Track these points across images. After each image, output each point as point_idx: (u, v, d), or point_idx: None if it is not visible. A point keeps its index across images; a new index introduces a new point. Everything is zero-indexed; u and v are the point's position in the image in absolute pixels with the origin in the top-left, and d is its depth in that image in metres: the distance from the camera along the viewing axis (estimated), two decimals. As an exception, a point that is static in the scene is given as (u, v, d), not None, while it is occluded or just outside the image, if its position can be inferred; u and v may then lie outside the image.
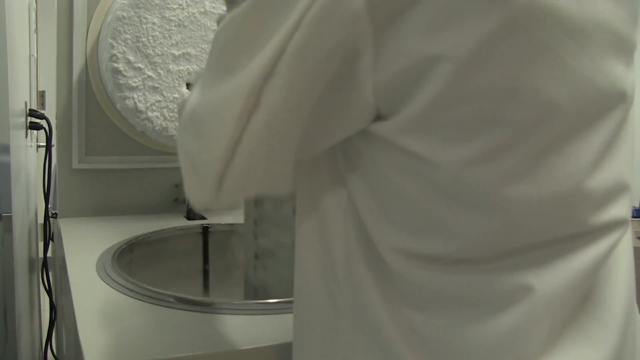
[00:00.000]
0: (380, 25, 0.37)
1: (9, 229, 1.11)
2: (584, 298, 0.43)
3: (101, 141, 1.21)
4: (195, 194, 0.53)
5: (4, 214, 1.10)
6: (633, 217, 3.31)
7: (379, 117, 0.42)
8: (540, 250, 0.41)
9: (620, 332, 0.43)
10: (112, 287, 0.80)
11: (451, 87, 0.37)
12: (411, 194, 0.42)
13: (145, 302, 0.74)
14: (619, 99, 0.43)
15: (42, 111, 2.56)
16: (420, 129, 0.40)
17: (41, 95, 2.59)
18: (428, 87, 0.37)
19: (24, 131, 1.63)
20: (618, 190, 0.44)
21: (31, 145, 2.01)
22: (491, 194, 0.39)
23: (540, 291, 0.40)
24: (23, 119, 1.61)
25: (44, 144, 1.71)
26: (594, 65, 0.40)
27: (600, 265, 0.43)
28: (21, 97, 1.53)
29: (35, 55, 2.17)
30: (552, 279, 0.40)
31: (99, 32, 1.18)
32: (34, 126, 1.69)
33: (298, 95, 0.42)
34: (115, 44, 1.09)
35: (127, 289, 0.79)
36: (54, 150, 1.40)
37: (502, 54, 0.36)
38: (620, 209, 0.44)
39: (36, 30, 2.19)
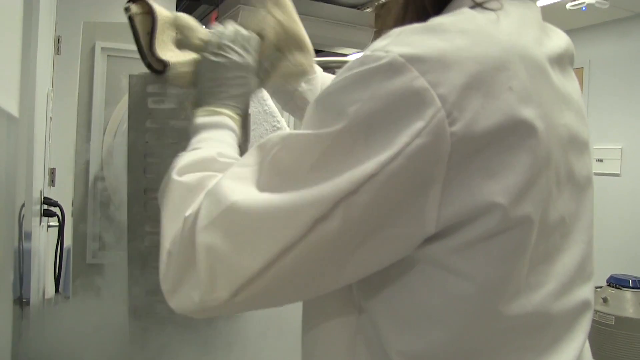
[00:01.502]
0: (452, 165, 0.48)
1: (27, 314, 1.20)
2: None
3: (116, 240, 1.32)
4: (188, 294, 0.54)
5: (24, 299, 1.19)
6: (636, 287, 3.36)
7: (425, 241, 0.51)
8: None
9: None
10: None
11: (500, 223, 0.49)
12: (434, 307, 0.52)
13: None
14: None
15: (52, 187, 2.68)
16: (468, 251, 0.50)
17: (51, 172, 2.71)
18: (481, 223, 0.49)
19: (39, 218, 1.74)
20: None
21: (42, 226, 2.11)
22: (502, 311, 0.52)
23: None
24: (38, 207, 1.72)
25: (54, 224, 1.82)
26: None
27: None
28: (38, 186, 1.64)
29: (50, 141, 2.30)
30: None
31: (114, 137, 1.30)
32: (47, 213, 1.80)
33: (375, 214, 0.48)
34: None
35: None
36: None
37: (537, 189, 0.51)
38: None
39: (51, 118, 2.33)
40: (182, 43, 0.83)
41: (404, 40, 0.50)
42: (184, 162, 0.66)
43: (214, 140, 0.73)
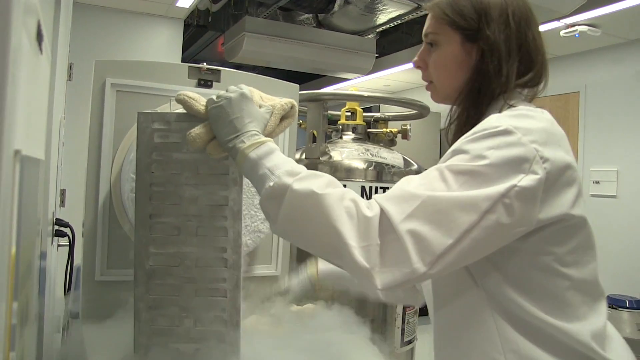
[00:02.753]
0: (544, 189, 0.84)
1: (41, 330, 1.29)
2: None
3: (122, 258, 1.41)
4: (397, 269, 0.79)
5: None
6: (633, 308, 3.40)
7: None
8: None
9: None
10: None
11: (570, 228, 0.89)
12: (533, 276, 0.89)
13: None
14: None
15: (62, 207, 2.78)
16: (555, 241, 0.88)
17: (62, 193, 2.81)
18: (563, 227, 0.87)
19: (50, 238, 1.84)
20: None
21: (53, 245, 2.21)
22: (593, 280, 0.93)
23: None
24: (51, 227, 1.82)
25: (64, 243, 1.92)
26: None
27: None
28: (51, 207, 1.75)
29: (62, 165, 2.41)
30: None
31: (122, 165, 1.41)
32: (58, 233, 1.91)
33: (511, 213, 0.81)
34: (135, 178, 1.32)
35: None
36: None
37: (581, 200, 0.90)
38: None
39: (64, 143, 2.44)
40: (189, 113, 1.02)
41: (505, 120, 0.87)
42: (316, 183, 0.85)
43: (289, 161, 0.91)
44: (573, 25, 3.65)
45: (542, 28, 3.19)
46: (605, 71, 4.25)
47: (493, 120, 0.87)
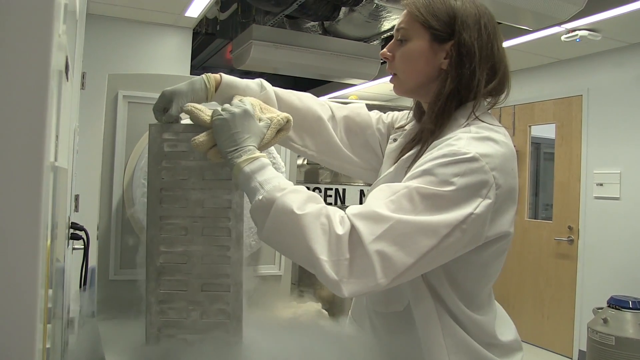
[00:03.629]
0: (494, 209, 0.97)
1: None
2: None
3: (133, 259, 1.51)
4: (362, 282, 0.90)
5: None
6: (636, 309, 3.43)
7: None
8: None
9: None
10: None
11: (504, 243, 1.05)
12: (473, 284, 1.08)
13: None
14: None
15: (76, 212, 2.89)
16: (492, 252, 1.04)
17: (76, 198, 2.92)
18: (500, 243, 1.03)
19: (66, 241, 1.94)
20: None
21: (68, 248, 2.32)
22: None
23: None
24: (66, 231, 1.93)
25: (78, 246, 2.02)
26: None
27: None
28: (66, 212, 1.85)
29: (76, 172, 2.52)
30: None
31: (133, 171, 1.51)
32: (74, 236, 2.01)
33: (468, 234, 0.94)
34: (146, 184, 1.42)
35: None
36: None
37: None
38: None
39: (78, 151, 2.55)
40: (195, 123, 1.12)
41: (473, 145, 0.97)
42: (297, 201, 0.94)
43: (278, 177, 1.01)
44: (573, 30, 3.71)
45: (543, 33, 3.24)
46: (607, 74, 4.29)
47: (462, 145, 0.97)
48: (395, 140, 1.23)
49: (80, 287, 1.92)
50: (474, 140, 0.98)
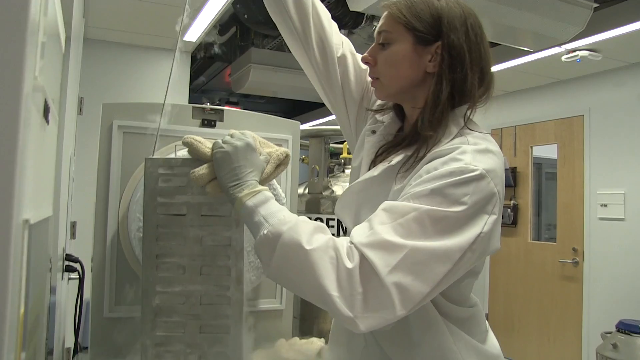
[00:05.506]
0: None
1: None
2: None
3: (130, 295, 1.45)
4: (381, 316, 0.85)
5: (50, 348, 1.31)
6: (633, 331, 3.33)
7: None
8: None
9: None
10: None
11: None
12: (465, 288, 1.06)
13: None
14: None
15: (73, 239, 2.83)
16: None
17: (73, 225, 2.87)
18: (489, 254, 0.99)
19: (61, 273, 1.88)
20: None
21: (63, 279, 2.26)
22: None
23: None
24: (61, 262, 1.87)
25: (74, 276, 1.96)
26: None
27: None
28: (61, 244, 1.79)
29: (72, 200, 2.47)
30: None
31: (129, 204, 1.45)
32: (68, 268, 1.95)
33: (477, 254, 0.92)
34: (142, 219, 1.36)
35: None
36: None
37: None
38: None
39: (74, 179, 2.50)
40: (194, 156, 1.08)
41: (478, 159, 0.94)
42: (305, 234, 0.90)
43: (282, 210, 0.97)
44: (574, 50, 3.69)
45: (544, 54, 3.21)
46: (608, 94, 4.27)
47: (469, 160, 0.93)
48: (373, 132, 1.16)
49: (74, 322, 1.85)
50: (477, 153, 0.95)
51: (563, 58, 3.79)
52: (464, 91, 1.02)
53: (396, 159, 1.04)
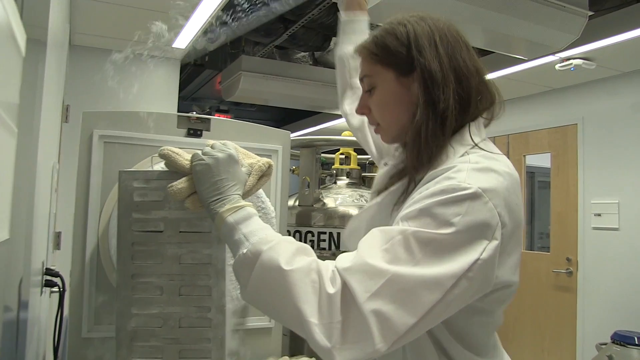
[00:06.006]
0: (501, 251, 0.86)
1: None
2: None
3: (111, 314, 1.37)
4: (360, 348, 0.77)
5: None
6: (628, 343, 3.28)
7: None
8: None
9: None
10: None
11: (508, 292, 0.92)
12: (478, 330, 0.94)
13: None
14: None
15: (58, 250, 2.75)
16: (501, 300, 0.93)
17: (57, 236, 2.79)
18: (502, 292, 0.90)
19: (39, 289, 1.80)
20: None
21: (44, 293, 2.18)
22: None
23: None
24: (39, 277, 1.79)
25: (57, 290, 1.88)
26: None
27: None
28: (40, 256, 1.71)
29: (55, 211, 2.39)
30: None
31: (110, 218, 1.38)
32: (48, 283, 1.87)
33: (477, 283, 0.82)
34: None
35: None
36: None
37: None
38: None
39: (57, 189, 2.43)
40: (171, 169, 1.01)
41: (474, 177, 0.85)
42: (285, 255, 0.83)
43: (265, 228, 0.91)
44: (568, 59, 3.66)
45: (538, 62, 3.18)
46: (602, 103, 4.24)
47: (462, 178, 0.85)
48: (386, 164, 1.13)
49: (54, 341, 1.77)
50: (474, 171, 0.87)
51: (557, 66, 3.76)
52: (444, 112, 0.93)
53: (397, 184, 1.00)
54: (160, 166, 1.04)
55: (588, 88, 4.33)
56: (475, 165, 0.88)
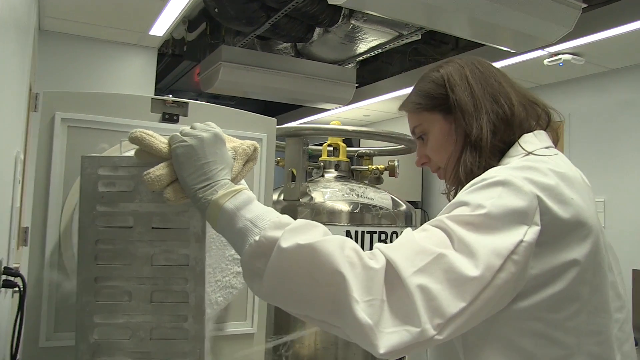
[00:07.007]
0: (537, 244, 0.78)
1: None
2: None
3: (73, 320, 1.22)
4: (404, 329, 0.69)
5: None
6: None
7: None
8: None
9: None
10: None
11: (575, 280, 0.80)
12: (524, 344, 0.80)
13: None
14: None
15: (25, 246, 2.56)
16: (549, 306, 0.79)
17: (24, 231, 2.60)
18: (560, 281, 0.79)
19: (-3, 289, 1.64)
20: None
21: (5, 293, 2.01)
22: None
23: None
24: (-2, 277, 1.63)
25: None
26: None
27: None
28: (-2, 256, 1.55)
29: (19, 205, 2.22)
30: None
31: (73, 212, 1.23)
32: (7, 284, 1.70)
33: (519, 266, 0.76)
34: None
35: None
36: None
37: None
38: None
39: (21, 181, 2.25)
40: (146, 153, 0.83)
41: (507, 172, 0.84)
42: (308, 234, 0.74)
43: (271, 211, 0.80)
44: (557, 54, 3.59)
45: (526, 57, 3.09)
46: (589, 100, 4.21)
47: (492, 171, 0.86)
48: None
49: (11, 349, 1.60)
50: (507, 168, 0.87)
51: (545, 62, 3.70)
52: (480, 137, 0.95)
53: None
54: (131, 153, 0.89)
55: (575, 85, 4.29)
56: (511, 165, 0.89)
